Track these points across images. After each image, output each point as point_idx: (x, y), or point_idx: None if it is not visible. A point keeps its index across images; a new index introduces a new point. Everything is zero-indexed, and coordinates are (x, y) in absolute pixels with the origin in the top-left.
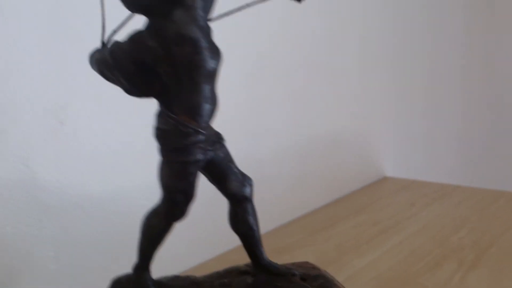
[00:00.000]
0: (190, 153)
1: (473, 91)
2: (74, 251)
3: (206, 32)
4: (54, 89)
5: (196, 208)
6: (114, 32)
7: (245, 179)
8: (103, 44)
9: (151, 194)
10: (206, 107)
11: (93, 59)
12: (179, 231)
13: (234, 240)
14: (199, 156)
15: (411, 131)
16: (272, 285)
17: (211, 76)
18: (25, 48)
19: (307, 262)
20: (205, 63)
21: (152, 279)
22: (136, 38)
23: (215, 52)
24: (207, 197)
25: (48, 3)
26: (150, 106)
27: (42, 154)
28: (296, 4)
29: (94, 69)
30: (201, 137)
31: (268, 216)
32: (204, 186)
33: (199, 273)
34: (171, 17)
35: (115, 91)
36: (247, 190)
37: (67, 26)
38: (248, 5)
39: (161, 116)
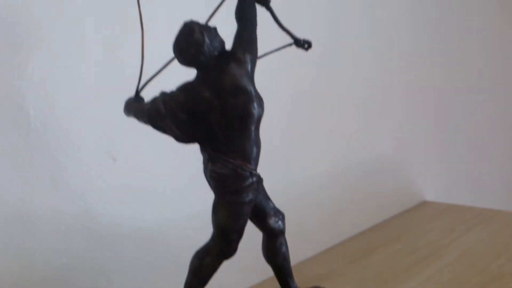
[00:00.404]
0: (247, 194)
1: None
2: (125, 281)
3: (253, 83)
4: (108, 129)
5: None
6: (147, 82)
7: (279, 214)
8: (137, 93)
9: (197, 225)
10: (255, 150)
11: (130, 107)
12: None
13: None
14: (253, 196)
15: (452, 154)
16: None
17: (258, 122)
18: (83, 93)
19: None
20: (255, 110)
21: None
22: (190, 89)
23: (261, 100)
24: None
25: (104, 49)
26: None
27: (96, 189)
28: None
29: (129, 115)
30: (254, 178)
31: (307, 243)
32: None
33: None
34: (227, 71)
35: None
36: (282, 225)
37: (121, 71)
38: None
39: (217, 160)
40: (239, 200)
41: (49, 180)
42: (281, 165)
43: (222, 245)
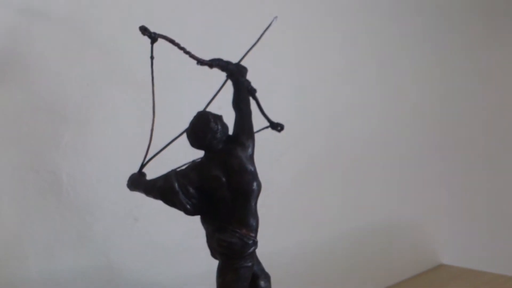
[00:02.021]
0: (251, 259)
1: None
2: None
3: (254, 164)
4: (131, 193)
5: None
6: (151, 159)
7: (267, 276)
8: (141, 168)
9: (210, 281)
10: (255, 222)
11: (136, 183)
12: None
13: None
14: (253, 261)
15: (469, 217)
16: None
17: (257, 197)
18: (111, 162)
19: None
20: (256, 187)
21: None
22: (201, 168)
23: (259, 181)
24: None
25: (137, 123)
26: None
27: (118, 245)
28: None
29: (134, 190)
30: (256, 246)
31: None
32: None
33: None
34: (235, 154)
35: None
36: (269, 285)
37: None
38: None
39: (225, 230)
40: (245, 264)
41: (76, 237)
42: (296, 226)
43: None
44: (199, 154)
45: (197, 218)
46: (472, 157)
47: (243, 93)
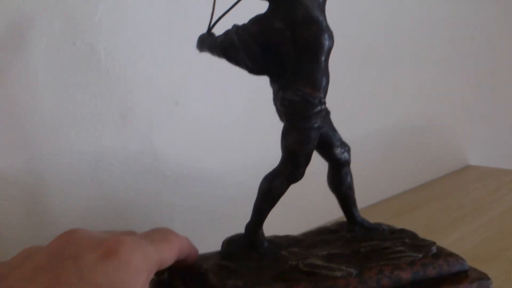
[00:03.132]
0: (315, 120)
1: None
2: (186, 217)
3: (325, 15)
4: (172, 74)
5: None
6: (219, 19)
7: (345, 146)
8: (210, 29)
9: (253, 173)
10: (325, 81)
11: (202, 43)
12: None
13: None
14: (320, 124)
15: (497, 118)
16: (369, 238)
17: (328, 53)
18: (150, 39)
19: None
20: (326, 41)
21: (265, 236)
22: (263, 21)
23: (331, 33)
24: None
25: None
26: (254, 88)
27: (161, 130)
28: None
29: (202, 50)
30: (323, 106)
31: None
32: None
33: None
34: (299, 2)
35: (223, 74)
36: (347, 156)
37: (184, 17)
38: None
39: (289, 89)
40: (308, 125)
41: (118, 118)
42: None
43: (290, 168)
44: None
45: (249, 102)
46: (502, 60)
47: None
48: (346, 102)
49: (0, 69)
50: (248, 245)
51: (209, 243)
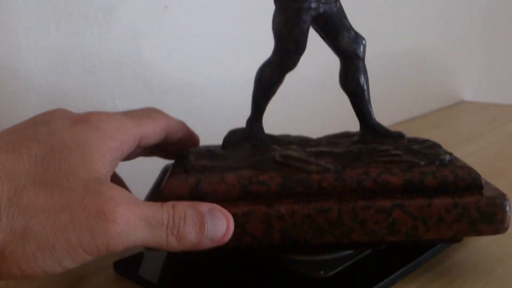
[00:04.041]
0: (303, 0)
1: None
2: None
3: None
4: None
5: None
6: None
7: (358, 37)
8: None
9: (248, 86)
10: None
11: None
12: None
13: None
14: (312, 4)
15: (493, 54)
16: (378, 142)
17: None
18: None
19: None
20: None
21: (263, 130)
22: None
23: None
24: None
25: None
26: None
27: (148, 34)
28: None
29: None
30: None
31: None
32: None
33: None
34: None
35: None
36: (359, 48)
37: None
38: None
39: None
40: (294, 5)
41: (101, 16)
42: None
43: (280, 55)
44: None
45: (246, 8)
46: None
47: None
48: None
49: None
50: (245, 137)
51: None
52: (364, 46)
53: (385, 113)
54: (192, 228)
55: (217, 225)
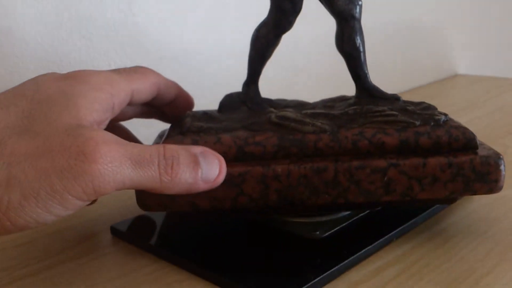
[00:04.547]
0: None
1: None
2: None
3: None
4: None
5: None
6: None
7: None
8: None
9: (245, 55)
10: None
11: None
12: None
13: None
14: None
15: (488, 30)
16: (373, 104)
17: None
18: None
19: None
20: None
21: (259, 93)
22: None
23: None
24: None
25: None
26: None
27: (143, 1)
28: None
29: None
30: None
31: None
32: None
33: None
34: None
35: None
36: (355, 9)
37: None
38: None
39: None
40: None
41: None
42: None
43: (276, 15)
44: None
45: None
46: None
47: None
48: None
49: None
50: (242, 101)
51: None
52: (360, 6)
53: (381, 86)
54: (186, 167)
55: (211, 166)
